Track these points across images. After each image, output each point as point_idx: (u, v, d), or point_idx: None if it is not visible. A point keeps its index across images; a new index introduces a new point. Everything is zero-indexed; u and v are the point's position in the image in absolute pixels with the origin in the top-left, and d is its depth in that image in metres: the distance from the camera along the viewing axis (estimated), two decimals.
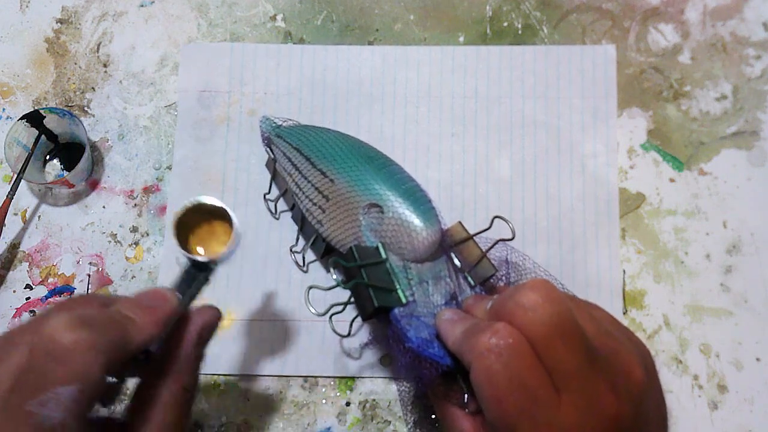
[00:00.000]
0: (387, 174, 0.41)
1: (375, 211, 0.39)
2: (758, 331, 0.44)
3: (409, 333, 0.35)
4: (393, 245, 0.39)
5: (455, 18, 0.50)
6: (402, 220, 0.39)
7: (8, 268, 0.47)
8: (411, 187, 0.41)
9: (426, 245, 0.39)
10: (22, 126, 0.46)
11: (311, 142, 0.43)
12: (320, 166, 0.42)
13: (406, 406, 0.41)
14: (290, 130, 0.45)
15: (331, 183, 0.41)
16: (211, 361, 0.44)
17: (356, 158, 0.42)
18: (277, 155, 0.44)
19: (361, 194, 0.40)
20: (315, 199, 0.42)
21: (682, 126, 0.47)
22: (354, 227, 0.40)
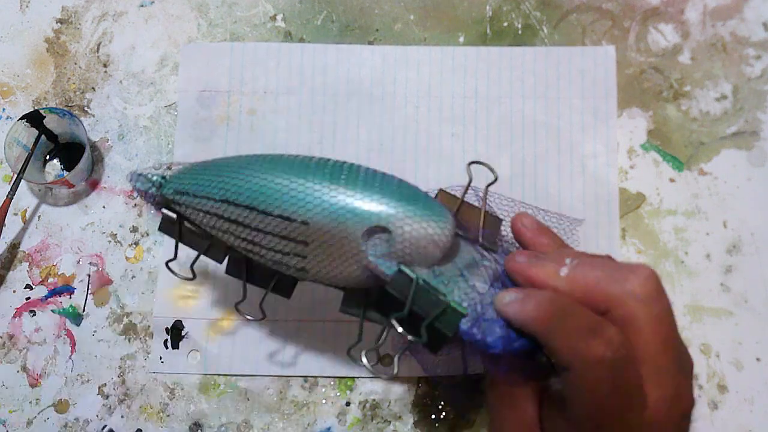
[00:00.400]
0: (365, 184, 0.33)
1: (379, 233, 0.32)
2: (758, 331, 0.44)
3: (488, 339, 0.31)
4: (414, 258, 0.32)
5: (455, 18, 0.50)
6: (416, 226, 0.32)
7: (8, 268, 0.47)
8: (398, 187, 0.34)
9: (449, 239, 0.33)
10: (22, 126, 0.46)
11: (241, 185, 0.34)
12: (278, 212, 0.33)
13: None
14: (195, 180, 0.35)
15: (304, 226, 0.32)
16: (212, 361, 0.44)
17: (318, 181, 0.33)
18: (191, 215, 0.35)
19: (352, 223, 0.32)
20: (286, 249, 0.33)
21: (682, 126, 0.47)
22: (356, 261, 0.33)
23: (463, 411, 0.43)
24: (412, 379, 0.44)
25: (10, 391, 0.45)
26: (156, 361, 0.44)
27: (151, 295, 0.46)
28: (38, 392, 0.45)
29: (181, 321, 0.45)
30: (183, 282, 0.45)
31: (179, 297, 0.45)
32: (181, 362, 0.44)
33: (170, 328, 0.45)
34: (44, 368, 0.45)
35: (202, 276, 0.45)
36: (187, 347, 0.45)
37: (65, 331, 0.45)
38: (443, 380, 0.43)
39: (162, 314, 0.45)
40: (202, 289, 0.45)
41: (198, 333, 0.45)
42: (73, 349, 0.45)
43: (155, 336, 0.45)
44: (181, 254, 0.37)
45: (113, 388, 0.44)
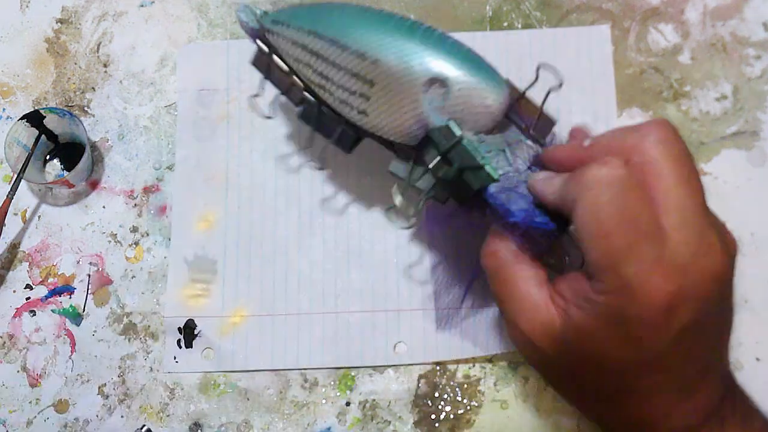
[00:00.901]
0: (437, 41, 0.36)
1: (437, 86, 0.35)
2: (758, 331, 0.44)
3: (511, 207, 0.33)
4: (465, 119, 0.35)
5: (455, 18, 0.50)
6: (472, 89, 0.35)
7: (8, 268, 0.47)
8: (468, 52, 0.36)
9: (502, 108, 0.35)
10: (22, 126, 0.46)
11: (331, 21, 0.37)
12: (356, 47, 0.36)
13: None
14: (293, 12, 0.39)
15: (374, 65, 0.36)
16: (226, 358, 0.44)
17: (397, 30, 0.36)
18: (280, 46, 0.38)
19: (418, 70, 0.35)
20: (354, 87, 0.36)
21: (682, 126, 0.47)
22: (412, 109, 0.36)
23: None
24: (412, 379, 0.44)
25: (10, 391, 0.45)
26: (170, 360, 0.44)
27: (152, 294, 0.46)
28: (38, 392, 0.45)
29: (193, 320, 0.45)
30: (193, 281, 0.45)
31: (190, 296, 0.45)
32: (196, 361, 0.44)
33: (183, 328, 0.45)
34: (44, 368, 0.45)
35: (211, 274, 0.46)
36: (201, 346, 0.45)
37: (65, 331, 0.45)
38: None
39: (173, 314, 0.45)
40: (213, 287, 0.45)
41: (211, 331, 0.45)
42: (73, 349, 0.45)
43: (168, 336, 0.45)
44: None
45: (113, 388, 0.44)
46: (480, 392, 0.43)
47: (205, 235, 0.46)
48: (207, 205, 0.47)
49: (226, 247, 0.46)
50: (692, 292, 0.28)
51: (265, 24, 0.39)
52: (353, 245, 0.46)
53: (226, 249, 0.46)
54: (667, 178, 0.29)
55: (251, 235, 0.46)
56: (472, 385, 0.44)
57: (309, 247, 0.46)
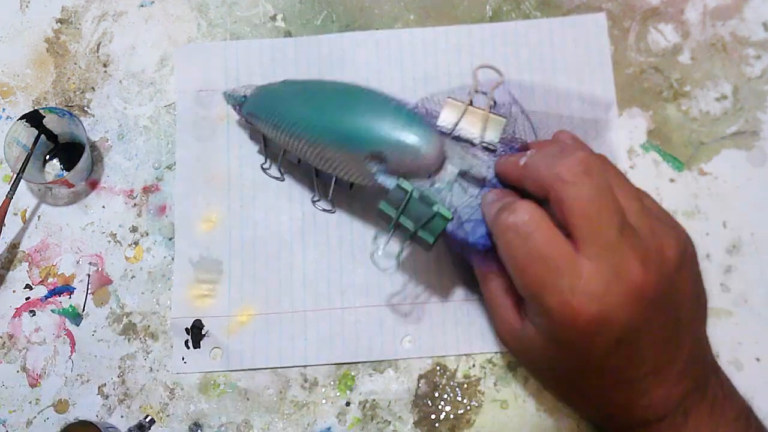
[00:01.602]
0: (366, 115, 0.40)
1: (376, 158, 0.40)
2: (758, 331, 0.44)
3: (469, 239, 0.38)
4: (409, 173, 0.39)
5: (455, 18, 0.50)
6: (404, 153, 0.39)
7: (8, 268, 0.47)
8: (392, 114, 0.40)
9: (435, 156, 0.39)
10: (22, 126, 0.46)
11: (284, 115, 0.42)
12: (306, 138, 0.41)
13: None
14: (256, 103, 0.44)
15: (324, 149, 0.41)
16: (234, 357, 0.44)
17: (331, 114, 0.41)
18: (262, 129, 0.44)
19: (357, 149, 0.40)
20: (320, 162, 0.42)
21: (682, 126, 0.47)
22: (367, 176, 0.41)
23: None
24: (412, 379, 0.44)
25: (10, 391, 0.45)
26: (179, 361, 0.44)
27: (151, 294, 0.46)
28: (38, 392, 0.45)
29: (200, 320, 0.45)
30: (199, 282, 0.45)
31: (196, 297, 0.45)
32: (205, 361, 0.44)
33: (190, 328, 0.45)
34: (44, 368, 0.45)
35: (217, 274, 0.46)
36: (209, 345, 0.45)
37: (65, 331, 0.45)
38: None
39: (180, 315, 0.45)
40: (219, 287, 0.45)
41: (218, 331, 0.45)
42: (72, 349, 0.45)
43: (175, 337, 0.45)
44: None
45: (113, 388, 0.44)
46: (480, 392, 0.43)
47: (209, 235, 0.46)
48: (209, 205, 0.47)
49: (230, 247, 0.46)
50: (614, 313, 0.32)
51: (244, 113, 0.45)
52: (357, 241, 0.46)
53: (230, 248, 0.46)
54: (576, 215, 0.32)
55: (255, 234, 0.46)
56: (472, 385, 0.44)
57: (314, 243, 0.46)
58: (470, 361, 0.44)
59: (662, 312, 0.33)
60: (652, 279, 0.32)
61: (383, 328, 0.45)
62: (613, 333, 0.32)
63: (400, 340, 0.44)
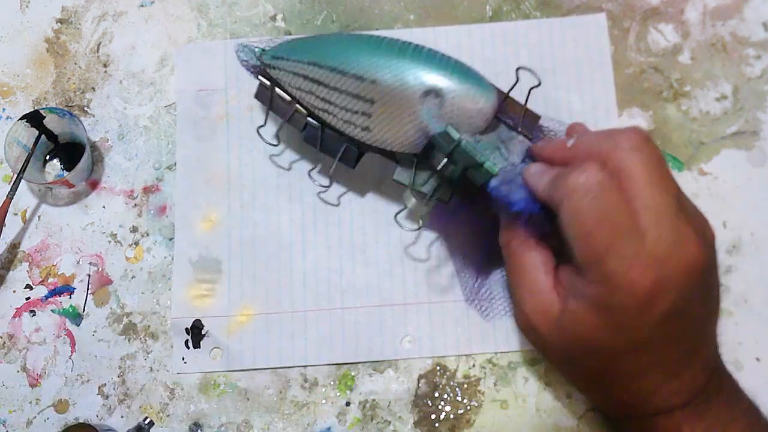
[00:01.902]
0: (427, 57, 0.40)
1: (432, 97, 0.39)
2: (758, 331, 0.44)
3: (512, 198, 0.37)
4: (460, 123, 0.39)
5: (455, 18, 0.50)
6: (464, 95, 0.38)
7: (8, 268, 0.47)
8: (455, 63, 0.40)
9: (490, 112, 0.39)
10: (22, 126, 0.46)
11: (328, 50, 0.41)
12: (354, 71, 0.40)
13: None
14: (291, 47, 0.42)
15: (372, 85, 0.39)
16: (234, 357, 0.44)
17: (389, 51, 0.40)
18: (282, 78, 0.42)
19: (413, 84, 0.39)
20: (356, 107, 0.40)
21: (682, 126, 0.47)
22: (411, 120, 0.39)
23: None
24: (412, 379, 0.44)
25: (10, 391, 0.45)
26: (179, 361, 0.44)
27: (152, 294, 0.46)
28: (38, 392, 0.45)
29: (200, 320, 0.45)
30: (198, 282, 0.45)
31: (195, 297, 0.45)
32: (205, 361, 0.44)
33: (190, 328, 0.45)
34: (44, 368, 0.45)
35: (216, 274, 0.46)
36: (209, 345, 0.45)
37: (65, 331, 0.45)
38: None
39: (180, 315, 0.45)
40: (218, 287, 0.45)
41: (218, 331, 0.45)
42: (73, 349, 0.45)
43: (175, 337, 0.45)
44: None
45: (113, 388, 0.44)
46: (480, 392, 0.43)
47: (208, 235, 0.46)
48: (209, 205, 0.47)
49: (230, 247, 0.46)
50: (671, 282, 0.31)
51: (266, 60, 0.42)
52: (357, 240, 0.46)
53: (230, 248, 0.46)
54: (639, 181, 0.32)
55: (255, 234, 0.46)
56: (472, 385, 0.44)
57: (313, 243, 0.46)
58: (470, 361, 0.44)
59: (706, 291, 0.34)
60: (705, 255, 0.32)
61: (383, 328, 0.45)
62: (666, 305, 0.32)
63: (400, 340, 0.44)
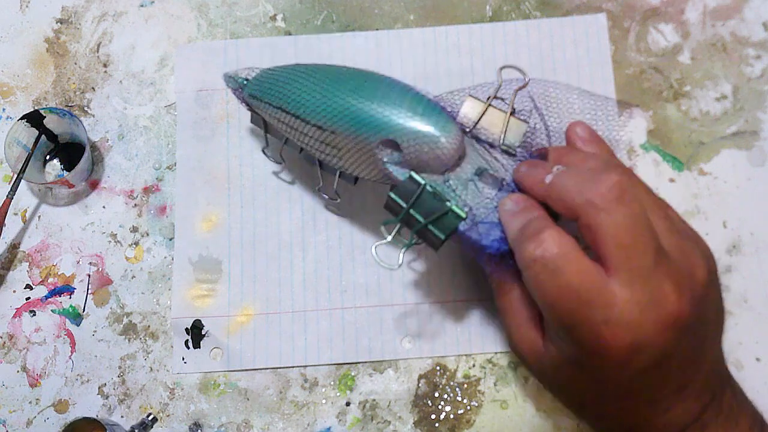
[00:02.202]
0: (382, 101, 0.38)
1: (390, 147, 0.38)
2: (758, 331, 0.44)
3: (483, 241, 0.35)
4: (421, 167, 0.37)
5: (455, 18, 0.50)
6: (420, 143, 0.37)
7: (8, 268, 0.47)
8: (411, 102, 0.38)
9: (453, 151, 0.37)
10: (22, 126, 0.46)
11: (291, 95, 0.40)
12: (315, 122, 0.39)
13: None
14: (261, 85, 0.41)
15: (333, 134, 0.39)
16: (234, 357, 0.44)
17: (344, 97, 0.38)
18: (263, 114, 0.42)
19: (369, 136, 0.37)
20: (325, 150, 0.40)
21: (682, 126, 0.47)
22: (375, 164, 0.38)
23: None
24: (412, 379, 0.44)
25: (10, 391, 0.45)
26: (179, 361, 0.44)
27: (152, 295, 0.46)
28: (38, 392, 0.45)
29: (200, 320, 0.45)
30: (198, 282, 0.46)
31: (196, 297, 0.45)
32: (205, 361, 0.44)
33: (190, 328, 0.45)
34: (44, 368, 0.45)
35: (216, 274, 0.46)
36: (209, 345, 0.45)
37: (65, 331, 0.45)
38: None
39: (180, 315, 0.45)
40: (218, 287, 0.45)
41: (218, 331, 0.45)
42: (73, 349, 0.45)
43: (175, 337, 0.45)
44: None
45: (113, 388, 0.44)
46: (480, 392, 0.43)
47: (208, 235, 0.46)
48: (209, 205, 0.47)
49: (230, 247, 0.46)
50: (647, 341, 0.30)
51: (245, 97, 0.43)
52: (358, 240, 0.46)
53: (230, 248, 0.46)
54: (610, 244, 0.30)
55: (255, 234, 0.46)
56: (472, 385, 0.44)
57: (314, 243, 0.46)
58: (470, 361, 0.44)
59: (692, 335, 0.32)
60: (686, 305, 0.31)
61: (383, 328, 0.45)
62: (645, 361, 0.31)
63: (400, 340, 0.44)
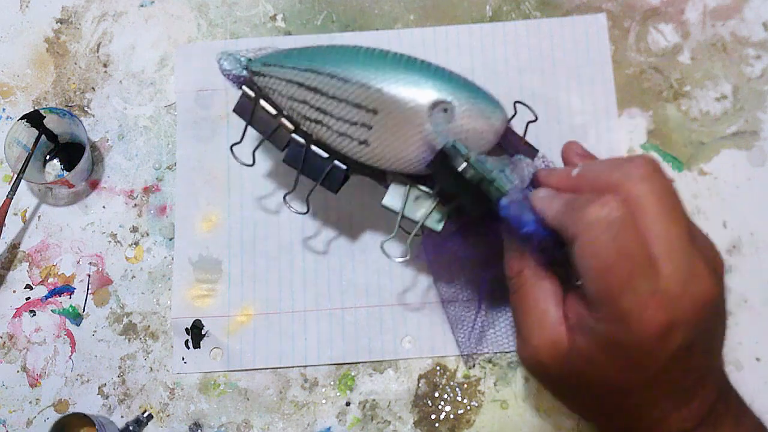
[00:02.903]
0: (436, 71, 0.38)
1: (441, 109, 0.36)
2: (758, 331, 0.44)
3: (524, 218, 0.34)
4: (468, 139, 0.36)
5: (455, 18, 0.50)
6: (475, 109, 0.36)
7: (8, 268, 0.47)
8: (461, 78, 0.38)
9: (502, 127, 0.37)
10: (22, 126, 0.46)
11: (329, 57, 0.39)
12: (358, 78, 0.37)
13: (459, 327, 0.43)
14: (286, 54, 0.40)
15: (378, 93, 0.37)
16: (234, 357, 0.44)
17: (395, 62, 0.38)
18: (272, 87, 0.39)
19: (422, 94, 0.36)
20: (355, 118, 0.37)
21: (682, 126, 0.47)
22: (416, 133, 0.37)
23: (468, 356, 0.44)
24: (412, 379, 0.44)
25: (10, 391, 0.45)
26: (179, 361, 0.44)
27: (152, 295, 0.46)
28: (38, 392, 0.45)
29: (200, 320, 0.45)
30: (198, 282, 0.46)
31: (196, 297, 0.45)
32: (205, 361, 0.44)
33: (190, 328, 0.45)
34: (44, 368, 0.45)
35: (216, 274, 0.46)
36: (209, 346, 0.45)
37: (65, 331, 0.45)
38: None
39: (180, 315, 0.45)
40: (218, 287, 0.45)
41: (218, 331, 0.45)
42: (73, 349, 0.45)
43: (175, 337, 0.45)
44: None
45: (113, 388, 0.44)
46: (480, 392, 0.43)
47: (208, 235, 0.46)
48: (209, 205, 0.47)
49: (230, 247, 0.46)
50: (685, 318, 0.30)
51: (254, 67, 0.40)
52: (357, 240, 0.46)
53: (230, 248, 0.46)
54: (651, 213, 0.31)
55: (255, 234, 0.46)
56: (472, 385, 0.44)
57: (313, 243, 0.46)
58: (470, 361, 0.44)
59: (717, 320, 0.33)
60: (716, 288, 0.31)
61: (383, 328, 0.45)
62: (678, 341, 0.31)
63: (400, 340, 0.44)
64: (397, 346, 0.44)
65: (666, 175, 0.32)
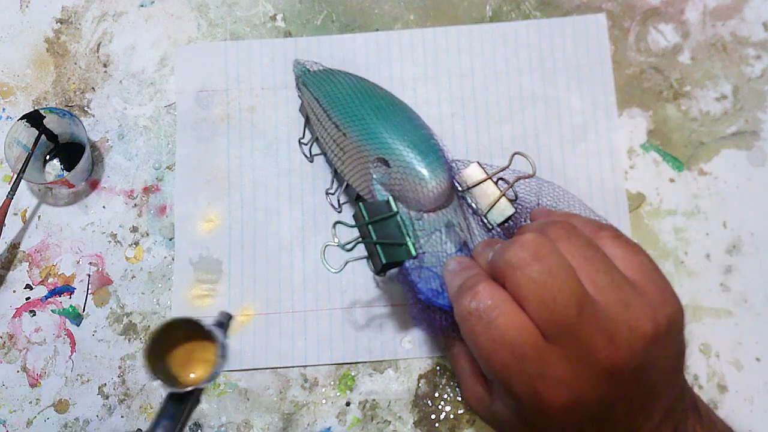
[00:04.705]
0: (394, 126, 0.41)
1: (382, 165, 0.40)
2: (758, 331, 0.44)
3: (419, 285, 0.37)
4: (402, 197, 0.40)
5: (455, 18, 0.50)
6: (407, 173, 0.39)
7: (8, 268, 0.47)
8: (418, 138, 0.41)
9: (433, 196, 0.39)
10: (22, 126, 0.46)
11: (328, 92, 0.44)
12: (334, 119, 0.43)
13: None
14: (314, 77, 0.46)
15: (343, 136, 0.42)
16: (234, 357, 0.44)
17: (366, 110, 0.42)
18: (305, 102, 0.46)
19: (369, 148, 0.41)
20: (334, 150, 0.43)
21: (682, 126, 0.47)
22: (367, 178, 0.41)
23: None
24: (412, 379, 0.44)
25: (10, 391, 0.45)
26: None
27: (152, 295, 0.46)
28: (38, 392, 0.45)
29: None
30: (198, 282, 0.46)
31: (196, 297, 0.45)
32: None
33: None
34: (44, 368, 0.45)
35: (216, 274, 0.46)
36: None
37: (65, 331, 0.45)
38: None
39: (180, 315, 0.45)
40: (219, 287, 0.45)
41: (218, 331, 0.45)
42: (73, 349, 0.45)
43: None
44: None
45: (113, 388, 0.44)
46: None
47: (209, 235, 0.46)
48: (210, 206, 0.47)
49: (230, 247, 0.46)
50: (584, 397, 0.30)
51: (299, 82, 0.46)
52: None
53: (230, 249, 0.46)
54: (531, 301, 0.30)
55: (255, 234, 0.46)
56: None
57: (313, 243, 0.46)
58: None
59: (637, 384, 0.31)
60: (622, 355, 0.30)
61: (383, 328, 0.45)
62: (585, 414, 0.30)
63: (400, 340, 0.44)
64: (397, 346, 0.44)
65: (547, 255, 0.31)
